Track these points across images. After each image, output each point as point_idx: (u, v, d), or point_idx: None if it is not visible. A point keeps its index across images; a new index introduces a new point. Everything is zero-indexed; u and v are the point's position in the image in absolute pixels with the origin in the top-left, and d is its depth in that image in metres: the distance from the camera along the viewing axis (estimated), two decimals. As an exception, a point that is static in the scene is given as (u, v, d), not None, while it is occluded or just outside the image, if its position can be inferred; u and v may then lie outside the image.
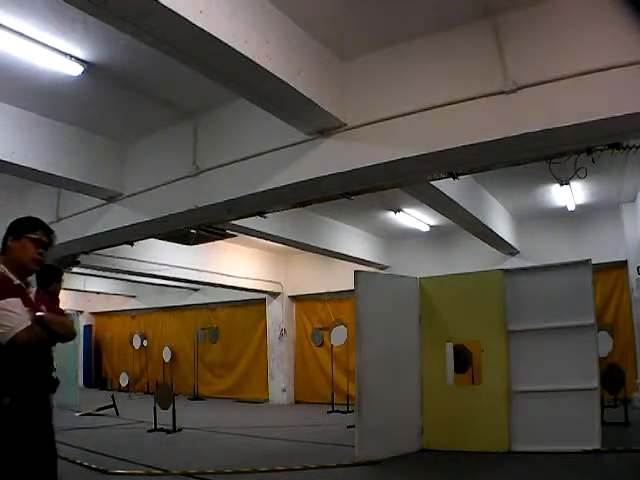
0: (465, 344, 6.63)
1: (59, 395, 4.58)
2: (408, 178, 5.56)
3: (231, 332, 14.32)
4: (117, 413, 10.45)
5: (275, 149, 5.21)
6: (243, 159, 5.45)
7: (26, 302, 2.56)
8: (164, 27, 3.32)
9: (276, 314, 13.22)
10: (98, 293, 15.77)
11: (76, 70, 4.69)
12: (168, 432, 8.17)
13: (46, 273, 4.88)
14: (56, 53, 4.48)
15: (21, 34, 4.18)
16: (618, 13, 3.16)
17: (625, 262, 9.41)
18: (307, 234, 9.47)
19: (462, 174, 5.56)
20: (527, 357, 6.33)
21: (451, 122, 4.25)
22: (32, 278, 2.86)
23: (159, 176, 6.15)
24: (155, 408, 8.41)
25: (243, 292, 12.84)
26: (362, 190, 5.84)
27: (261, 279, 12.51)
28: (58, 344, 3.35)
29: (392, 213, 9.57)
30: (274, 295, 13.18)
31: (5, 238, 2.70)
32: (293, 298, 13.35)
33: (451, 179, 5.57)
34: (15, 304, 2.46)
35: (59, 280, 4.94)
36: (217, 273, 11.44)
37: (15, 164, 5.58)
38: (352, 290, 6.45)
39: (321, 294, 12.65)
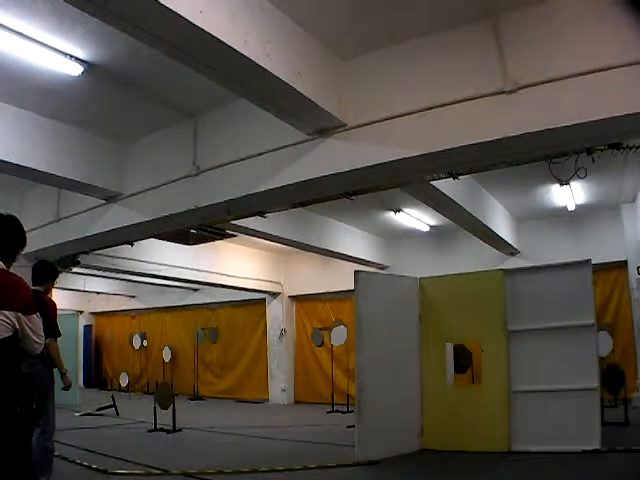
0: (465, 344, 6.63)
1: (59, 395, 4.60)
2: (408, 178, 5.57)
3: (231, 332, 14.32)
4: (117, 413, 10.45)
5: (275, 149, 5.21)
6: (243, 159, 5.45)
7: None
8: (164, 27, 3.32)
9: (276, 314, 13.22)
10: (98, 293, 15.78)
11: (76, 70, 4.69)
12: (168, 432, 8.16)
13: (43, 269, 4.77)
14: (56, 53, 4.48)
15: (21, 34, 4.18)
16: (618, 13, 3.17)
17: (625, 262, 9.41)
18: (307, 234, 9.47)
19: (462, 174, 5.57)
20: (527, 357, 6.31)
21: (451, 122, 4.25)
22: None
23: (159, 176, 6.15)
24: (155, 408, 8.40)
25: (243, 292, 12.84)
26: (362, 190, 5.84)
27: (261, 279, 12.51)
28: (59, 342, 3.36)
29: (392, 213, 9.56)
30: (274, 295, 13.18)
31: None
32: (293, 298, 13.34)
33: (451, 179, 5.58)
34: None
35: (55, 278, 4.81)
36: (217, 273, 11.44)
37: (15, 164, 5.58)
38: (352, 290, 6.44)
39: (321, 294, 12.65)
